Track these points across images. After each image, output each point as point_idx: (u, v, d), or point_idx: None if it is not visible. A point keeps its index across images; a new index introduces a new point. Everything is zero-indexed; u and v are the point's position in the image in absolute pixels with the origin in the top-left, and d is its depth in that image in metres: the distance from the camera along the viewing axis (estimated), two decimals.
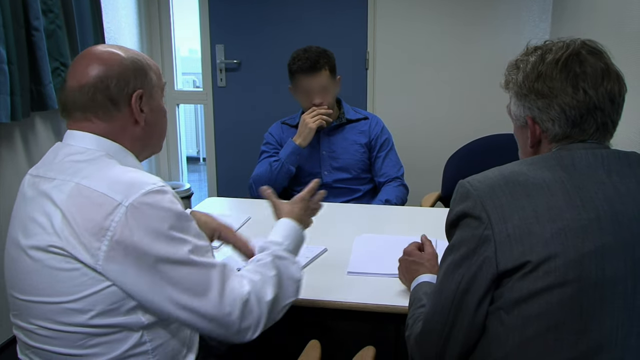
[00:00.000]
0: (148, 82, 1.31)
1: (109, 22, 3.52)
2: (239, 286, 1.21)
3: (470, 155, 3.03)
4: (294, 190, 2.77)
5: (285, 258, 1.37)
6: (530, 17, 3.76)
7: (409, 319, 1.27)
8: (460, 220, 1.11)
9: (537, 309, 1.02)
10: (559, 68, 1.13)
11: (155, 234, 1.13)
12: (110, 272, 1.12)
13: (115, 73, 1.25)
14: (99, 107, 1.24)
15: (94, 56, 1.27)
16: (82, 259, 1.12)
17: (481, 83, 3.84)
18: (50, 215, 1.16)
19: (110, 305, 1.15)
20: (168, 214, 1.15)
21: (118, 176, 1.18)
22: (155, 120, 1.34)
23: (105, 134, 1.26)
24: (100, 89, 1.23)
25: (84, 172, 1.19)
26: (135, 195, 1.13)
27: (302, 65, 2.59)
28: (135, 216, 1.12)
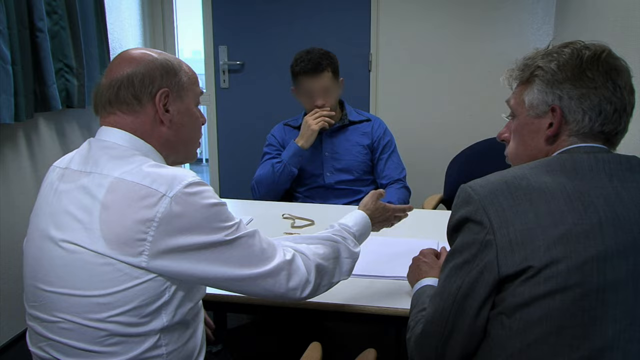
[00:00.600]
0: (176, 83, 1.33)
1: (112, 23, 3.53)
2: (280, 248, 1.33)
3: (473, 158, 3.02)
4: (297, 192, 2.77)
5: (347, 238, 1.49)
6: (534, 19, 3.76)
7: (410, 321, 1.28)
8: (462, 225, 1.11)
9: (538, 314, 1.02)
10: (601, 61, 1.14)
11: (200, 223, 1.18)
12: (157, 265, 1.16)
13: (141, 70, 1.28)
14: (122, 102, 1.28)
15: (128, 56, 1.32)
16: (120, 256, 1.15)
17: (484, 85, 3.84)
18: (89, 210, 1.18)
19: (139, 302, 1.17)
20: (210, 203, 1.20)
21: (158, 170, 1.21)
22: (182, 123, 1.35)
23: (133, 129, 1.28)
24: (125, 84, 1.27)
25: (123, 167, 1.21)
26: (178, 186, 1.17)
27: (305, 67, 2.59)
28: (179, 207, 1.16)
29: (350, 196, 2.74)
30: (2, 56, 2.49)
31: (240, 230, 1.25)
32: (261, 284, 1.27)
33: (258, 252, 1.27)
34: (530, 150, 1.22)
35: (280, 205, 2.47)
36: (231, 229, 1.23)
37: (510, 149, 1.28)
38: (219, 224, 1.21)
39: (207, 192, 1.21)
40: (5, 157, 2.71)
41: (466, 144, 3.10)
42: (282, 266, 1.30)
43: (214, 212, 1.21)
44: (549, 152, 1.19)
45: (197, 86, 1.40)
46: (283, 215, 2.26)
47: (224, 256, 1.22)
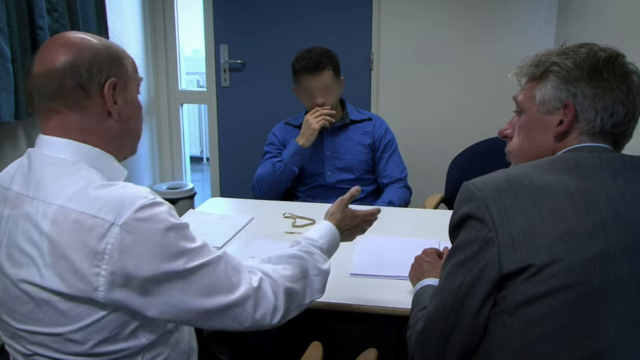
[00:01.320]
0: (123, 72, 1.21)
1: (113, 21, 3.52)
2: (246, 273, 1.20)
3: (474, 157, 3.02)
4: (298, 191, 2.77)
5: (314, 253, 1.37)
6: (536, 19, 3.75)
7: (411, 320, 1.27)
8: (464, 222, 1.10)
9: (540, 313, 1.01)
10: (617, 64, 1.14)
11: (155, 251, 1.06)
12: (115, 299, 1.06)
13: (87, 58, 1.15)
14: (68, 94, 1.14)
15: (64, 41, 1.17)
16: (77, 293, 1.05)
17: (485, 85, 3.83)
18: (39, 246, 1.07)
19: (110, 332, 1.10)
20: (165, 227, 1.08)
21: (106, 194, 1.08)
22: (129, 114, 1.24)
23: (78, 130, 1.16)
24: (70, 74, 1.13)
25: (67, 192, 1.08)
26: (127, 212, 1.05)
27: (305, 65, 2.58)
28: (131, 235, 1.05)
29: None
30: (2, 54, 2.49)
31: (202, 255, 1.12)
32: (227, 314, 1.15)
33: (222, 279, 1.14)
34: (536, 146, 1.22)
35: (281, 204, 2.47)
36: (191, 254, 1.10)
37: (514, 144, 1.28)
38: (177, 250, 1.08)
39: (161, 215, 1.08)
40: (5, 155, 2.71)
41: (467, 143, 3.10)
42: (248, 294, 1.17)
43: (171, 238, 1.08)
44: (556, 149, 1.18)
45: (137, 74, 1.29)
46: (284, 214, 2.26)
47: (185, 286, 1.09)
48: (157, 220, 1.08)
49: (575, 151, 1.14)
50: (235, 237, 2.02)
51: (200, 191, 4.75)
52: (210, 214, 2.27)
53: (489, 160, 2.18)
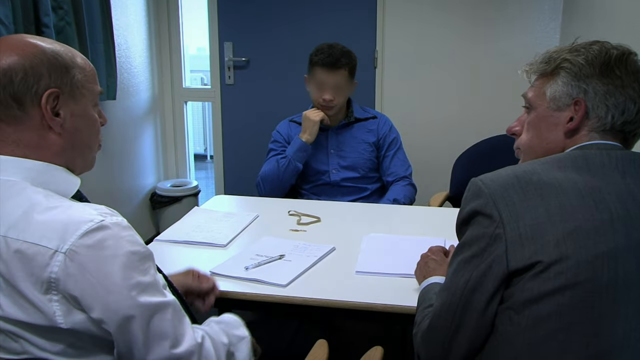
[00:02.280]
0: (69, 81, 1.10)
1: (117, 19, 3.52)
2: (190, 329, 1.10)
3: (479, 155, 3.01)
4: (302, 189, 2.76)
5: (226, 321, 1.28)
6: (541, 17, 3.74)
7: (417, 317, 1.27)
8: (471, 218, 1.10)
9: (547, 310, 1.01)
10: (629, 62, 1.15)
11: (101, 282, 0.99)
12: (76, 323, 1.01)
13: (23, 65, 1.04)
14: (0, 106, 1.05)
15: (6, 45, 1.07)
16: (39, 322, 1.00)
17: (490, 82, 3.82)
18: None
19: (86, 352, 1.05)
20: (113, 253, 1.00)
21: (49, 218, 1.01)
22: (77, 127, 1.13)
23: (16, 144, 1.07)
24: (2, 83, 1.03)
25: (9, 220, 1.01)
26: (71, 238, 0.98)
27: (324, 60, 2.58)
28: (76, 263, 0.98)
29: (356, 193, 2.73)
30: None
31: (151, 293, 1.04)
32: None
33: (168, 328, 1.05)
34: (546, 143, 1.22)
35: (286, 202, 2.47)
36: (141, 287, 1.02)
37: (523, 141, 1.28)
38: (125, 281, 1.00)
39: (108, 241, 1.00)
40: None
41: (472, 141, 3.09)
42: (192, 349, 1.07)
43: (120, 268, 1.00)
44: (565, 146, 1.18)
45: (95, 84, 1.17)
46: (289, 212, 2.26)
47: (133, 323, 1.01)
48: (103, 247, 1.00)
49: (584, 148, 1.14)
50: (240, 234, 2.02)
51: (204, 189, 4.75)
52: (214, 212, 2.27)
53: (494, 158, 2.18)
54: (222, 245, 1.91)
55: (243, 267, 1.69)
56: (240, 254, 1.80)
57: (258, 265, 1.71)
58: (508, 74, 3.77)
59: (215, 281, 1.57)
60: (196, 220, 2.14)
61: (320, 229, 2.10)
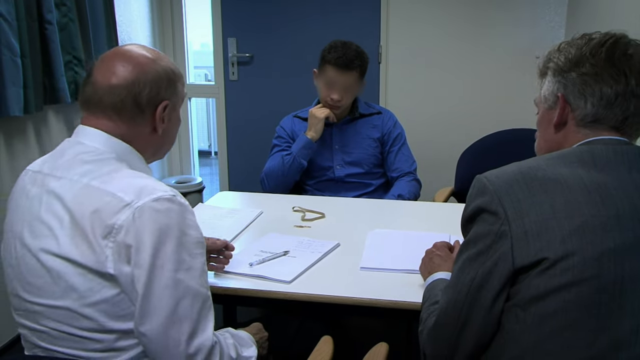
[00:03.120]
0: (176, 94, 1.31)
1: (121, 15, 3.52)
2: (211, 329, 1.16)
3: (484, 151, 3.01)
4: (306, 185, 2.76)
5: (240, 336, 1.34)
6: (546, 10, 3.72)
7: (422, 314, 1.27)
8: (476, 216, 1.10)
9: (554, 307, 1.00)
10: (605, 48, 1.14)
11: (159, 243, 1.10)
12: (123, 274, 1.10)
13: (149, 79, 1.24)
14: (125, 110, 1.23)
15: (129, 57, 1.25)
16: (91, 265, 1.10)
17: (495, 77, 3.81)
18: (60, 217, 1.13)
19: (122, 311, 1.12)
20: (174, 225, 1.12)
21: (130, 179, 1.16)
22: (170, 130, 1.34)
23: (119, 134, 1.24)
24: (131, 93, 1.22)
25: (94, 173, 1.16)
26: (145, 198, 1.12)
27: (337, 60, 2.57)
28: (142, 219, 1.10)
29: (361, 189, 2.72)
30: (11, 49, 2.49)
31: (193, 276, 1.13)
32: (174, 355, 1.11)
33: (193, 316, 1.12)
34: (546, 142, 1.24)
35: (291, 197, 2.47)
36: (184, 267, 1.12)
37: (536, 142, 1.30)
38: (174, 254, 1.11)
39: (173, 213, 1.13)
40: (14, 149, 2.72)
41: (477, 136, 3.08)
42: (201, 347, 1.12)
43: (174, 240, 1.12)
44: (561, 143, 1.19)
45: (183, 89, 1.37)
46: (293, 208, 2.25)
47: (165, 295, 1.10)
48: (168, 216, 1.12)
49: (590, 144, 1.13)
50: (244, 231, 2.02)
51: (208, 185, 4.75)
52: (219, 208, 2.26)
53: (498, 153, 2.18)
54: None
55: (247, 263, 1.69)
56: (245, 251, 1.80)
57: (262, 262, 1.71)
58: (513, 68, 3.77)
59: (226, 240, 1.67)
60: (200, 216, 2.12)
61: (325, 225, 2.09)
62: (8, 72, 2.49)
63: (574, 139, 1.17)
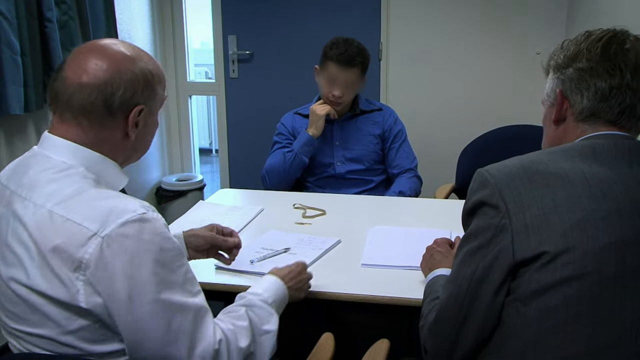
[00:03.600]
0: (152, 97, 1.20)
1: (121, 13, 3.52)
2: (211, 333, 1.12)
3: (485, 147, 3.00)
4: (307, 181, 2.76)
5: (260, 307, 1.29)
6: (546, 5, 3.71)
7: (423, 310, 1.26)
8: (477, 209, 1.09)
9: (554, 301, 1.00)
10: (602, 43, 1.15)
11: (131, 272, 1.03)
12: (94, 306, 1.04)
13: (124, 80, 1.14)
14: (94, 112, 1.13)
15: (105, 53, 1.15)
16: (63, 298, 1.04)
17: (496, 73, 3.80)
18: (27, 246, 1.07)
19: (101, 336, 1.08)
20: (148, 247, 1.05)
21: (95, 202, 1.07)
22: (145, 134, 1.24)
23: (88, 141, 1.15)
24: (102, 94, 1.12)
25: (58, 196, 1.08)
26: (112, 225, 1.03)
27: (339, 56, 2.57)
28: (111, 249, 1.03)
29: (361, 186, 2.72)
30: (11, 47, 2.49)
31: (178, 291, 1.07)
32: None
33: (188, 329, 1.08)
34: (548, 138, 1.25)
35: (291, 195, 2.47)
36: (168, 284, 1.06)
37: (542, 140, 1.31)
38: (154, 276, 1.04)
39: (145, 235, 1.04)
40: (15, 147, 2.72)
41: (478, 133, 3.08)
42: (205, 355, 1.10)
43: (151, 261, 1.04)
44: (561, 138, 1.20)
45: (164, 92, 1.26)
46: (294, 205, 2.25)
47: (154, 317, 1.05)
48: (140, 238, 1.04)
49: (591, 139, 1.13)
50: (245, 228, 2.02)
51: (209, 183, 4.75)
52: (220, 206, 2.26)
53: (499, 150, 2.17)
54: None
55: (248, 260, 1.69)
56: (246, 248, 1.80)
57: (263, 259, 1.71)
58: (513, 64, 3.77)
59: (238, 236, 1.65)
60: (201, 214, 2.14)
61: (326, 222, 2.09)
62: (8, 70, 2.49)
63: (573, 134, 1.17)
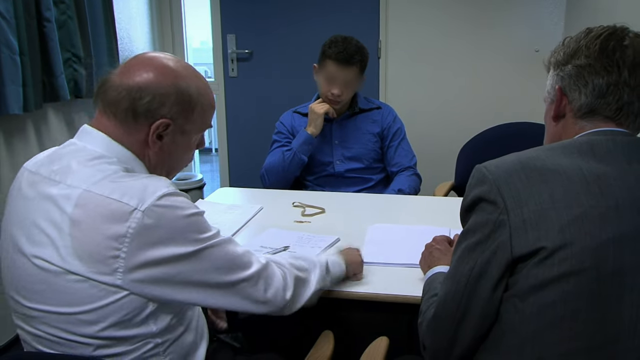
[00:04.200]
0: (185, 118, 1.24)
1: (119, 12, 3.52)
2: (254, 257, 1.28)
3: (483, 144, 3.01)
4: (306, 180, 2.76)
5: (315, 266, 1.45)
6: (545, 3, 3.71)
7: (422, 307, 1.27)
8: (475, 205, 1.10)
9: (552, 297, 1.00)
10: (600, 40, 1.15)
11: (174, 235, 1.12)
12: (134, 280, 1.10)
13: (153, 91, 1.19)
14: (120, 111, 1.20)
15: (151, 63, 1.22)
16: (96, 275, 1.09)
17: (495, 71, 3.81)
18: (58, 225, 1.11)
19: (123, 316, 1.12)
20: (184, 215, 1.14)
21: (129, 181, 1.14)
22: (171, 152, 1.28)
23: (119, 137, 1.21)
24: (131, 96, 1.18)
25: (92, 178, 1.13)
26: (150, 199, 1.10)
27: (338, 55, 2.57)
28: (152, 220, 1.10)
29: (361, 184, 2.72)
30: (9, 46, 2.49)
31: (216, 238, 1.20)
32: (240, 291, 1.23)
33: (235, 258, 1.22)
34: (548, 135, 1.27)
35: (291, 193, 2.47)
36: (207, 238, 1.17)
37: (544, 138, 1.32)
38: (194, 235, 1.15)
39: (181, 203, 1.14)
40: (14, 147, 2.72)
41: (477, 130, 3.08)
42: (259, 272, 1.26)
43: (189, 223, 1.14)
44: (561, 135, 1.21)
45: (209, 120, 1.32)
46: (293, 203, 2.25)
47: (201, 266, 1.16)
48: (177, 207, 1.13)
49: (590, 135, 1.13)
50: (244, 226, 2.02)
51: (209, 182, 4.75)
52: (219, 204, 2.26)
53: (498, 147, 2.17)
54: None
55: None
56: (245, 246, 1.79)
57: None
58: (512, 62, 3.77)
59: None
60: None
61: (325, 220, 2.09)
62: (7, 70, 2.49)
63: (572, 131, 1.18)
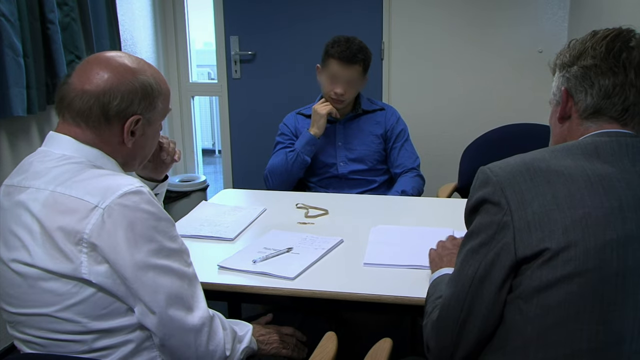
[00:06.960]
0: (151, 109, 1.29)
1: (123, 14, 3.52)
2: (204, 300, 1.24)
3: (487, 146, 3.00)
4: (309, 181, 2.76)
5: None
6: (549, 3, 3.70)
7: (427, 308, 1.27)
8: (479, 207, 1.10)
9: (556, 299, 1.00)
10: (606, 42, 1.15)
11: (133, 237, 1.12)
12: (96, 277, 1.12)
13: (122, 91, 1.22)
14: (92, 117, 1.22)
15: (108, 64, 1.24)
16: (65, 272, 1.11)
17: (498, 72, 3.79)
18: (29, 228, 1.14)
19: (102, 310, 1.14)
20: (145, 216, 1.14)
21: (94, 180, 1.16)
22: (143, 144, 1.33)
23: (88, 141, 1.24)
24: (100, 102, 1.21)
25: (59, 179, 1.17)
26: (111, 197, 1.12)
27: (340, 54, 2.57)
28: (112, 218, 1.11)
29: (364, 186, 2.72)
30: (13, 48, 2.50)
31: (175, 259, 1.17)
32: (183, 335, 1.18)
33: (185, 295, 1.18)
34: (554, 137, 1.27)
35: (294, 195, 2.47)
36: (165, 252, 1.16)
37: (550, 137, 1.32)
38: (152, 243, 1.14)
39: (142, 204, 1.14)
40: (18, 149, 2.72)
41: (480, 132, 3.07)
42: (204, 321, 1.21)
43: (150, 229, 1.14)
44: (566, 136, 1.21)
45: (168, 104, 1.35)
46: (297, 205, 2.25)
47: (155, 281, 1.14)
48: (137, 208, 1.14)
49: (595, 136, 1.13)
50: (248, 228, 2.02)
51: (212, 183, 4.75)
52: (222, 206, 2.26)
53: (502, 148, 2.17)
54: (230, 239, 1.90)
55: (251, 260, 1.69)
56: (248, 248, 1.80)
57: (266, 259, 1.71)
58: (516, 63, 3.76)
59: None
60: (204, 214, 2.14)
61: (328, 222, 2.09)
62: (11, 72, 2.50)
63: (577, 132, 1.18)
